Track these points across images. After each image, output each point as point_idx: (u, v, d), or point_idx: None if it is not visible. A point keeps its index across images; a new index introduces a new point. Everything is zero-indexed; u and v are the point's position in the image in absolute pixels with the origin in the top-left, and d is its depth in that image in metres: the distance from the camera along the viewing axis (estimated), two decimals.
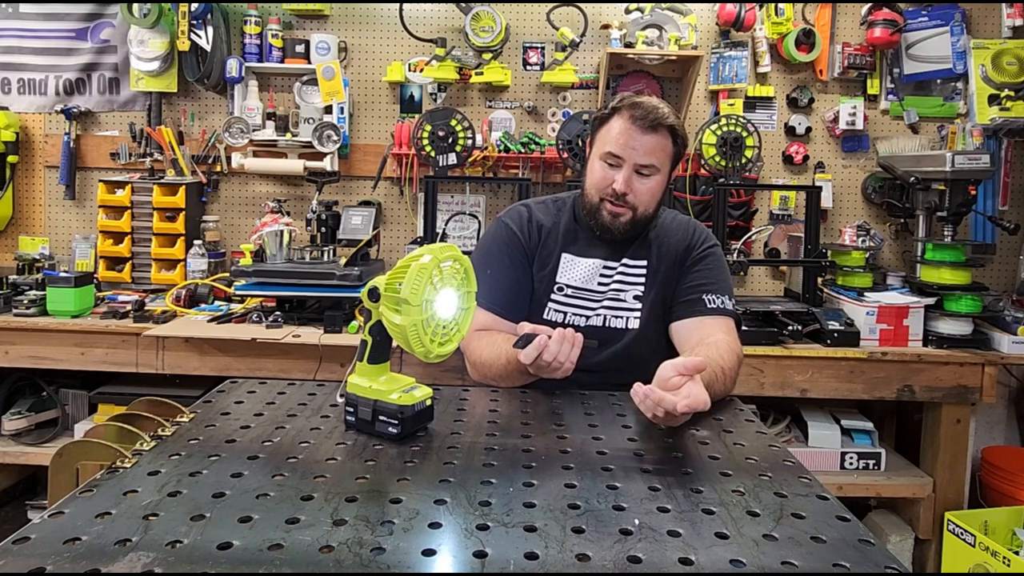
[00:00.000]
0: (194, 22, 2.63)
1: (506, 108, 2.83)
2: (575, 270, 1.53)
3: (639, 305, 1.51)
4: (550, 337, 1.23)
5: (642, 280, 1.52)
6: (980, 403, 2.31)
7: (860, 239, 2.60)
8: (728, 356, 1.32)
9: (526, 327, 1.25)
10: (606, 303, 1.51)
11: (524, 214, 1.58)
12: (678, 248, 1.54)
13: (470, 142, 2.57)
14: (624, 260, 1.53)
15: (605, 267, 1.53)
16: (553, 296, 1.53)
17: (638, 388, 1.07)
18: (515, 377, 1.36)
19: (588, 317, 1.51)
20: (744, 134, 2.58)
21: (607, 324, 1.50)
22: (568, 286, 1.52)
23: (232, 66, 2.69)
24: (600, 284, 1.52)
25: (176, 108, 2.86)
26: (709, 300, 1.48)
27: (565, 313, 1.51)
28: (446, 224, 2.75)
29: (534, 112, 2.83)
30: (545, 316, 1.52)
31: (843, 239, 2.64)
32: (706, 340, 1.40)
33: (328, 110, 2.72)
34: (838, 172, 2.84)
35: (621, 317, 1.51)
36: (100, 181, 2.67)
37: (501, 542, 0.70)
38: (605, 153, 1.45)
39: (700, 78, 2.76)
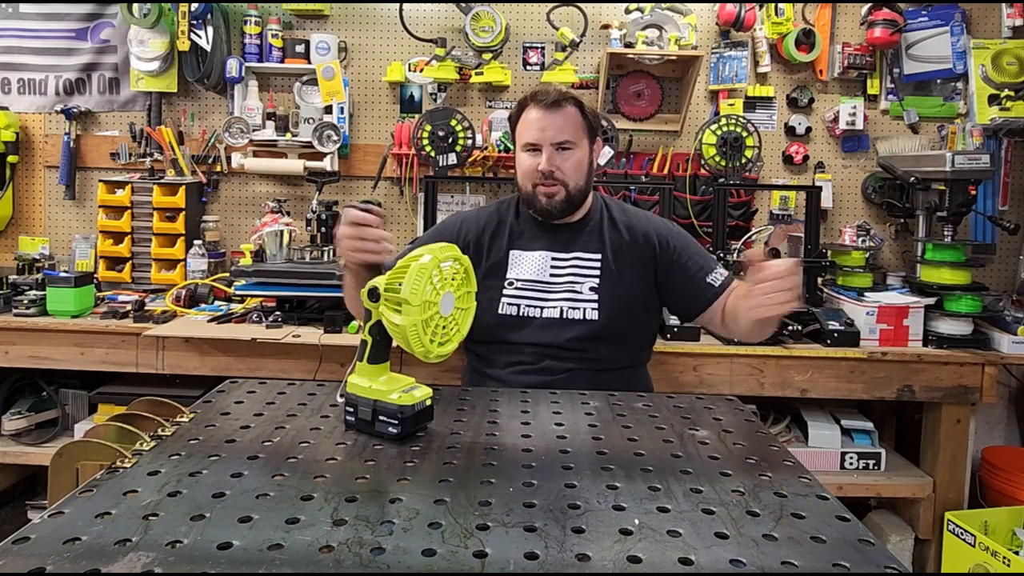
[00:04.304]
0: (194, 22, 2.63)
1: (506, 108, 2.82)
2: (523, 264, 1.61)
3: (595, 296, 1.57)
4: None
5: (597, 272, 1.59)
6: (980, 403, 2.31)
7: (860, 239, 2.60)
8: None
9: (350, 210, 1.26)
10: (563, 295, 1.57)
11: (456, 226, 1.69)
12: (637, 242, 1.61)
13: (470, 142, 2.57)
14: (577, 253, 1.60)
15: (554, 258, 1.60)
16: (505, 291, 1.59)
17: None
18: (356, 302, 1.30)
19: (543, 308, 1.57)
20: (744, 134, 2.58)
21: (564, 315, 1.56)
22: (518, 280, 1.59)
23: (232, 66, 2.68)
24: (552, 276, 1.59)
25: (176, 108, 2.86)
26: (713, 279, 1.58)
27: (518, 305, 1.58)
28: None
29: None
30: (500, 311, 1.58)
31: (843, 239, 2.63)
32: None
33: (328, 110, 2.72)
34: (838, 172, 2.84)
35: (578, 308, 1.56)
36: (100, 181, 2.67)
37: (501, 542, 0.70)
38: (524, 144, 1.56)
39: (700, 78, 2.76)
